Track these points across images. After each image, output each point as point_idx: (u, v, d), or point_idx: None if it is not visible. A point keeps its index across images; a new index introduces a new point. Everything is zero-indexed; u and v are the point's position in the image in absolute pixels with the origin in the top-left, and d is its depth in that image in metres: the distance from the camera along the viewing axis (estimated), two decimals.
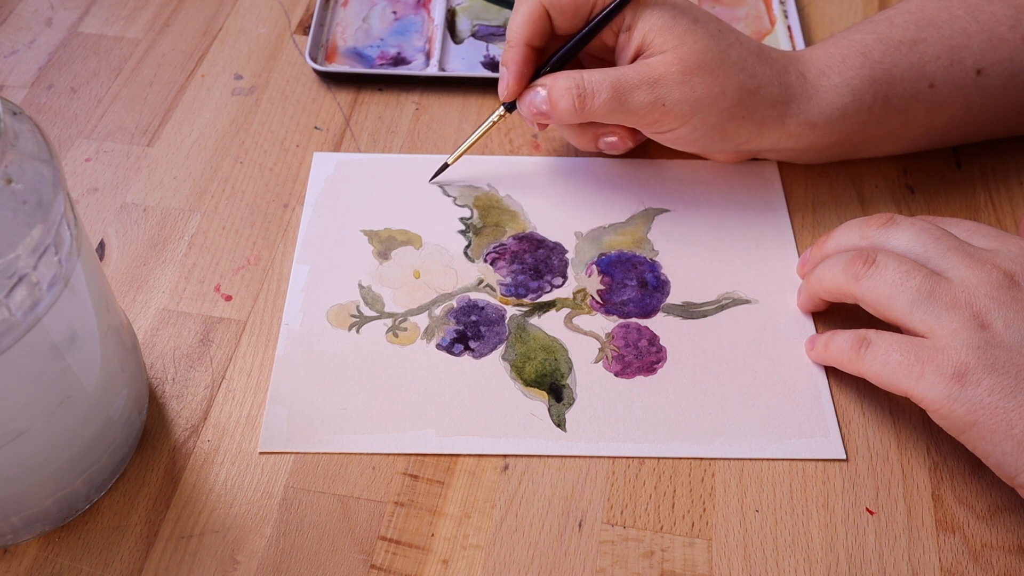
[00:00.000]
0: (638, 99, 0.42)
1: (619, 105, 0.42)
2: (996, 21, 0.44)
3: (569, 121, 0.43)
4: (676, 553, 0.36)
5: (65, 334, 0.31)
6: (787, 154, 0.47)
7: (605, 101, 0.42)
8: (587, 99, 0.42)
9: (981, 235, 0.38)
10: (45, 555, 0.35)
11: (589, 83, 0.42)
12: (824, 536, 0.36)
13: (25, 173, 0.28)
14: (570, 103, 0.42)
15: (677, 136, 0.44)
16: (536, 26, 0.44)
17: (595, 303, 0.43)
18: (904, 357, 0.35)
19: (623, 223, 0.46)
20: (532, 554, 0.36)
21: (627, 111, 0.42)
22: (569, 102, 0.42)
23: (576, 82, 0.42)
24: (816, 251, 0.42)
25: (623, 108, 0.42)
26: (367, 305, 0.43)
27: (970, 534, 0.36)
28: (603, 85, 0.42)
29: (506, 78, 0.44)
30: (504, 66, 0.45)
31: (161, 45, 0.55)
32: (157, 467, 0.38)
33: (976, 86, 0.44)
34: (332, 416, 0.39)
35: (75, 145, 0.50)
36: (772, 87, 0.43)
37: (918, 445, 0.39)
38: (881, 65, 0.44)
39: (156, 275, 0.44)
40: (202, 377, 0.41)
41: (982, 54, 0.44)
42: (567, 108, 0.42)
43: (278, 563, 0.35)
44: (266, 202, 0.47)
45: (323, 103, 0.52)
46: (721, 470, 0.38)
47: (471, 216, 0.47)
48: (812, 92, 0.43)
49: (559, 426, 0.39)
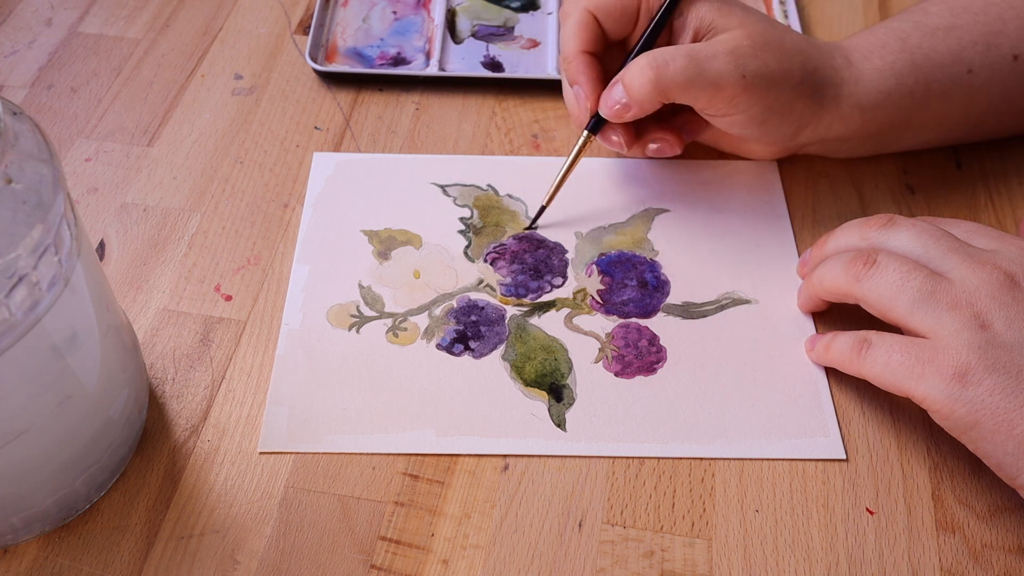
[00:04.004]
0: (719, 67, 0.40)
1: (698, 73, 0.40)
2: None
3: (648, 99, 0.41)
4: (676, 553, 0.36)
5: (65, 334, 0.31)
6: (831, 145, 0.47)
7: (682, 68, 0.40)
8: (662, 69, 0.40)
9: (981, 236, 0.38)
10: (45, 555, 0.35)
11: (661, 55, 0.41)
12: (824, 536, 0.36)
13: (25, 173, 0.28)
14: (646, 77, 0.40)
15: (749, 117, 0.43)
16: (588, 32, 0.43)
17: (595, 303, 0.43)
18: (905, 358, 0.35)
19: (623, 223, 0.46)
20: (532, 554, 0.36)
21: (707, 82, 0.41)
22: (644, 77, 0.41)
23: (648, 59, 0.41)
24: (816, 251, 0.42)
25: (702, 78, 0.40)
26: (367, 305, 0.43)
27: (970, 534, 0.36)
28: (677, 53, 0.41)
29: (581, 95, 0.43)
30: (574, 83, 0.43)
31: (161, 45, 0.55)
32: (157, 467, 0.38)
33: (1013, 71, 0.45)
34: (332, 416, 0.39)
35: (75, 145, 0.50)
36: (826, 69, 0.43)
37: (918, 445, 0.39)
38: (920, 50, 0.44)
39: (156, 275, 0.44)
40: (202, 377, 0.41)
41: (1018, 40, 0.44)
42: (644, 83, 0.41)
43: (278, 563, 0.35)
44: (266, 202, 0.47)
45: (323, 103, 0.52)
46: (721, 470, 0.38)
47: (471, 216, 0.47)
48: (859, 75, 0.44)
49: (559, 426, 0.39)
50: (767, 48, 0.42)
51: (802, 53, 0.43)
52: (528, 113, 0.52)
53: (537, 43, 0.55)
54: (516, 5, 0.57)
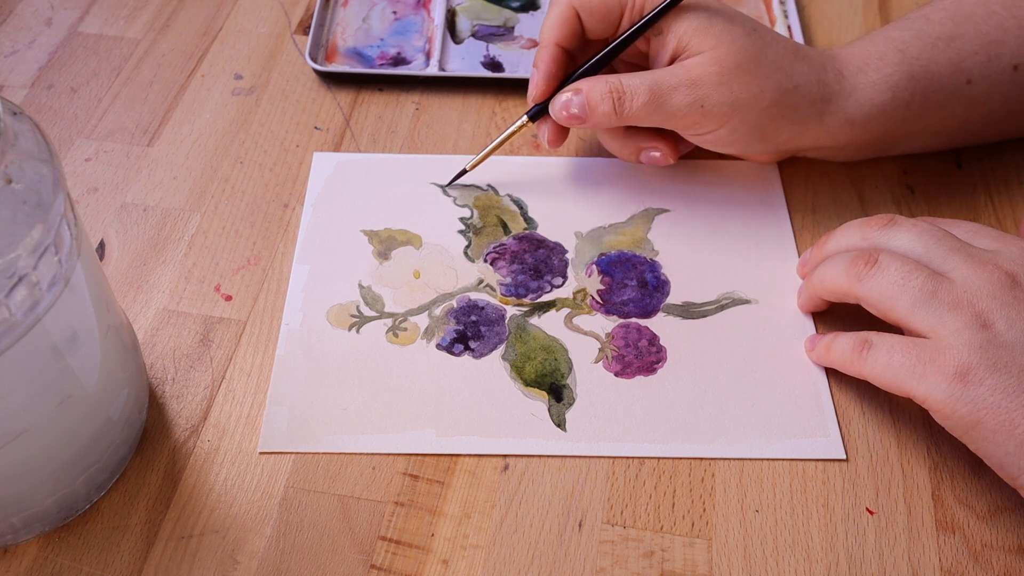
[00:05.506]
0: (677, 101, 0.41)
1: (657, 107, 0.41)
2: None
3: (607, 125, 0.43)
4: (676, 553, 0.36)
5: (65, 334, 0.31)
6: (826, 152, 0.47)
7: (643, 104, 0.41)
8: (625, 102, 0.41)
9: (982, 236, 0.38)
10: (45, 555, 0.35)
11: (627, 86, 0.41)
12: (824, 536, 0.36)
13: (25, 173, 0.28)
14: (609, 107, 0.42)
15: (717, 138, 0.43)
16: (567, 27, 0.43)
17: (595, 303, 0.43)
18: (906, 358, 0.35)
19: (623, 223, 0.46)
20: (532, 554, 0.36)
21: (665, 113, 0.42)
22: (608, 106, 0.42)
23: (613, 86, 0.42)
24: (817, 251, 0.42)
25: (661, 110, 0.42)
26: (367, 305, 0.43)
27: (970, 534, 0.36)
28: (641, 88, 0.41)
29: (535, 78, 0.44)
30: (534, 67, 0.44)
31: (161, 45, 0.55)
32: (157, 467, 0.38)
33: (1013, 82, 0.44)
34: (332, 416, 0.39)
35: (75, 145, 0.50)
36: (810, 85, 0.43)
37: (918, 445, 0.39)
38: (919, 61, 0.43)
39: (156, 275, 0.44)
40: (202, 377, 0.41)
41: (1019, 50, 0.44)
42: (605, 112, 0.42)
43: (278, 563, 0.35)
44: (266, 202, 0.47)
45: (323, 103, 0.52)
46: (721, 470, 0.38)
47: (471, 216, 0.47)
48: (850, 89, 0.43)
49: (559, 426, 0.39)
50: (736, 73, 0.41)
51: (781, 71, 0.42)
52: None
53: (537, 43, 0.55)
54: (516, 5, 0.57)
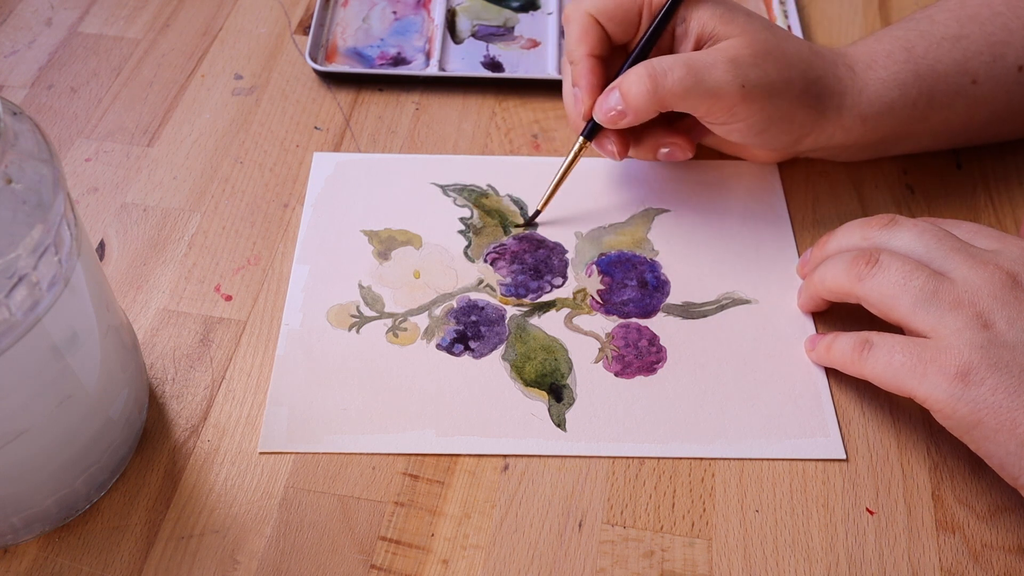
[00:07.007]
0: (717, 77, 0.40)
1: (696, 83, 0.40)
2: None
3: (645, 108, 0.41)
4: (676, 553, 0.36)
5: (65, 334, 0.31)
6: (834, 151, 0.47)
7: (680, 78, 0.40)
8: (660, 78, 0.40)
9: (983, 236, 0.38)
10: (45, 555, 0.35)
11: (660, 64, 0.40)
12: (824, 536, 0.36)
13: (25, 173, 0.28)
14: (643, 86, 0.40)
15: (749, 126, 0.42)
16: (592, 36, 0.43)
17: (595, 303, 0.43)
18: (907, 358, 0.35)
19: (623, 223, 0.46)
20: (532, 554, 0.36)
21: (706, 91, 0.40)
22: (642, 86, 0.40)
23: (647, 68, 0.40)
24: (817, 251, 0.42)
25: (700, 87, 0.40)
26: (367, 305, 0.43)
27: (970, 534, 0.36)
28: (676, 63, 0.40)
29: (579, 97, 0.43)
30: (575, 85, 0.43)
31: (161, 45, 0.55)
32: (157, 467, 0.38)
33: (1018, 82, 0.45)
34: (332, 416, 0.39)
35: (75, 145, 0.50)
36: (829, 79, 0.43)
37: (918, 445, 0.39)
38: (924, 60, 0.44)
39: (156, 275, 0.44)
40: (202, 377, 0.41)
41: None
42: (640, 92, 0.40)
43: (278, 563, 0.35)
44: (266, 202, 0.47)
45: (323, 103, 0.52)
46: (721, 470, 0.38)
47: (471, 216, 0.47)
48: (862, 85, 0.43)
49: (559, 426, 0.39)
50: (769, 57, 0.41)
51: (804, 61, 0.43)
52: (528, 113, 0.52)
53: (537, 43, 0.55)
54: (516, 5, 0.57)
